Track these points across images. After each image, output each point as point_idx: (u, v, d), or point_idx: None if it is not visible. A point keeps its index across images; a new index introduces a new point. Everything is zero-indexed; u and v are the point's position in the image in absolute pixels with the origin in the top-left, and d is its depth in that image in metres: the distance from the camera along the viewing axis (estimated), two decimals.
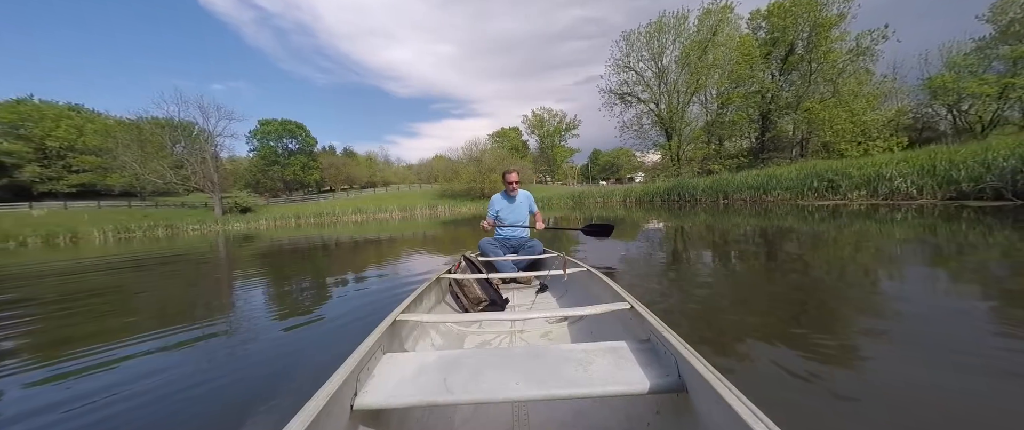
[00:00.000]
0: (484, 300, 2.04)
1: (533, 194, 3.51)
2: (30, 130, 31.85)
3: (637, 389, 0.85)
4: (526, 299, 2.42)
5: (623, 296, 1.39)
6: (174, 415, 1.34)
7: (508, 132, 57.57)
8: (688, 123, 25.76)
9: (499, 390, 0.86)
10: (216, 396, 1.46)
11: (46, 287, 4.69)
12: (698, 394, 0.79)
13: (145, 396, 1.49)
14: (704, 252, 4.20)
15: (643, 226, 7.97)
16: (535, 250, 3.00)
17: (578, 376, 0.90)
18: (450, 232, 9.87)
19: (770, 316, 1.93)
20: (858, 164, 10.65)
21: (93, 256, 8.85)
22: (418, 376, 0.94)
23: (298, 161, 41.82)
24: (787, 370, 1.31)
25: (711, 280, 2.89)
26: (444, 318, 1.33)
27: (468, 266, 2.40)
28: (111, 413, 1.37)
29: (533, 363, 0.97)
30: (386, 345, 1.14)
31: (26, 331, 2.64)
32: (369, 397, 0.86)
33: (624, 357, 0.98)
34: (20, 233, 18.84)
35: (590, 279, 2.00)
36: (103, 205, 29.60)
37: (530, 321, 1.82)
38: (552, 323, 1.79)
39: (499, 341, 1.65)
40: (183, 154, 32.11)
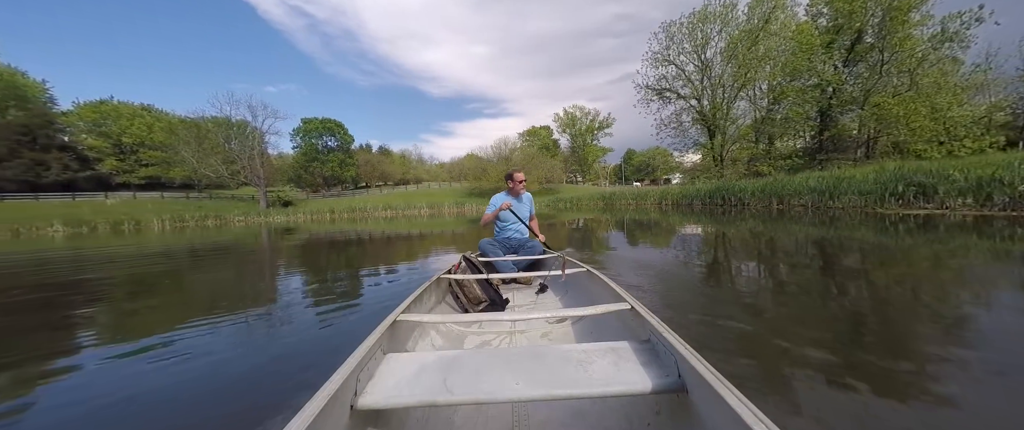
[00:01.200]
0: (484, 300, 2.02)
1: (562, 194, 3.33)
2: (109, 128, 35.67)
3: (637, 389, 0.86)
4: (526, 299, 2.40)
5: (623, 296, 1.38)
6: (212, 394, 1.43)
7: (539, 131, 56.77)
8: (733, 121, 23.76)
9: (499, 390, 0.86)
10: (240, 380, 1.53)
11: (106, 270, 5.12)
12: (698, 394, 0.79)
13: (190, 376, 1.60)
14: (755, 265, 3.44)
15: (679, 230, 7.13)
16: (535, 250, 2.96)
17: (578, 376, 0.90)
18: (475, 231, 9.47)
19: (847, 356, 1.45)
20: (963, 164, 8.79)
21: (151, 243, 9.49)
22: (418, 376, 0.94)
23: (336, 158, 43.65)
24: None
25: (769, 301, 2.25)
26: (444, 318, 1.31)
27: (468, 266, 2.35)
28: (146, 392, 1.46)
29: (533, 363, 0.97)
30: (386, 345, 1.13)
31: (90, 308, 2.92)
32: (369, 397, 0.86)
33: (624, 357, 0.98)
34: (93, 219, 20.88)
35: (590, 279, 2.01)
36: (166, 196, 32.47)
37: (530, 321, 1.79)
38: (552, 323, 1.78)
39: (499, 341, 1.63)
40: (235, 150, 34.52)
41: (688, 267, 3.53)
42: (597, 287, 1.84)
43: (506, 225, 3.18)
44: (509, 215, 3.15)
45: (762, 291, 2.59)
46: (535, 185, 35.55)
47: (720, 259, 3.93)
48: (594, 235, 7.32)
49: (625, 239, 6.31)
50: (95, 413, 1.36)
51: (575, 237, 7.11)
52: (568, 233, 8.07)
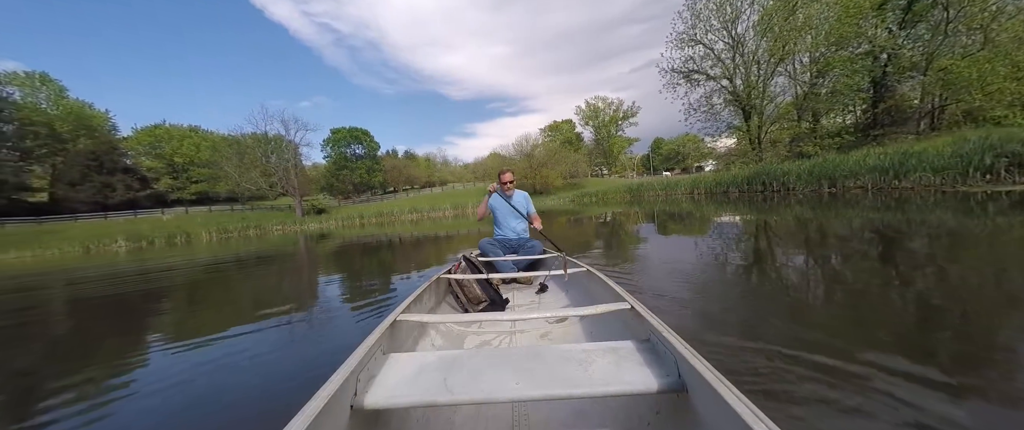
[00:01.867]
0: (484, 300, 2.01)
1: (587, 188, 3.09)
2: (163, 150, 38.91)
3: (637, 389, 0.85)
4: (526, 299, 2.39)
5: (623, 296, 1.38)
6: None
7: (561, 125, 55.71)
8: (771, 99, 21.96)
9: (499, 390, 0.86)
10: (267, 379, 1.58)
11: (163, 279, 5.77)
12: (698, 394, 0.79)
13: (240, 367, 1.73)
14: (817, 262, 2.91)
15: (713, 221, 6.48)
16: (535, 250, 2.94)
17: (578, 376, 0.90)
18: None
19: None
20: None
21: (200, 255, 10.19)
22: (418, 376, 0.94)
23: (364, 165, 45.03)
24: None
25: (839, 310, 1.80)
26: (444, 318, 1.31)
27: (468, 266, 2.33)
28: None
29: (533, 363, 0.97)
30: (386, 345, 1.13)
31: (151, 313, 3.39)
32: (369, 397, 0.86)
33: (624, 357, 0.98)
34: (151, 234, 22.72)
35: (590, 279, 1.99)
36: (213, 209, 34.86)
37: (530, 321, 1.79)
38: (552, 323, 1.77)
39: (499, 341, 1.63)
40: (273, 164, 36.51)
41: (725, 266, 3.05)
42: (597, 287, 1.83)
43: (505, 225, 3.14)
44: (506, 215, 3.11)
45: (829, 296, 2.11)
46: (559, 180, 34.87)
47: (766, 254, 3.40)
48: (621, 230, 6.84)
49: (653, 233, 5.80)
50: (161, 396, 1.57)
51: (602, 232, 6.67)
52: (594, 228, 7.61)
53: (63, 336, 2.96)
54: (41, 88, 35.93)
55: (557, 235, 7.42)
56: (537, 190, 34.81)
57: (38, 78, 36.24)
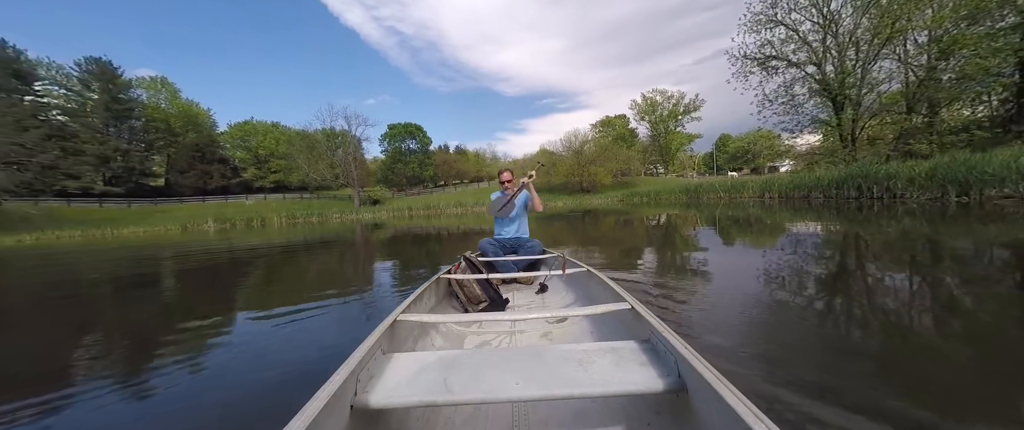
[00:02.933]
0: (484, 300, 2.00)
1: (639, 187, 3.41)
2: (251, 143, 44.13)
3: (637, 389, 0.86)
4: (526, 299, 2.39)
5: (623, 296, 1.38)
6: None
7: (613, 120, 53.06)
8: (872, 87, 18.52)
9: (499, 390, 0.86)
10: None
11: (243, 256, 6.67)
12: (698, 394, 0.79)
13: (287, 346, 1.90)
14: (946, 301, 1.96)
15: (792, 231, 5.32)
16: (535, 250, 2.95)
17: (578, 376, 0.90)
18: (541, 228, 8.73)
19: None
20: None
21: (271, 238, 11.29)
22: (418, 376, 0.94)
23: (416, 159, 46.99)
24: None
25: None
26: (444, 318, 1.33)
27: (468, 266, 2.33)
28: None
29: (533, 363, 0.97)
30: (386, 345, 1.14)
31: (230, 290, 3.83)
32: (369, 397, 0.86)
33: (624, 357, 0.98)
34: (234, 217, 25.76)
35: (590, 279, 2.00)
36: (286, 197, 38.76)
37: (530, 321, 1.79)
38: (552, 323, 1.77)
39: (499, 341, 1.62)
40: (338, 157, 39.65)
41: (805, 292, 2.22)
42: (597, 287, 1.83)
43: (505, 225, 3.14)
44: (507, 215, 3.10)
45: (956, 354, 1.30)
46: (608, 178, 33.19)
47: (864, 284, 2.47)
48: (675, 235, 5.94)
49: (713, 241, 4.86)
50: (238, 352, 1.85)
51: (654, 238, 5.83)
52: (643, 233, 6.75)
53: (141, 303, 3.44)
54: (161, 90, 42.64)
55: (598, 238, 6.81)
56: (584, 188, 33.48)
57: (160, 81, 43.04)
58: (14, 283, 5.27)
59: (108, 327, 2.76)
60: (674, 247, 4.90)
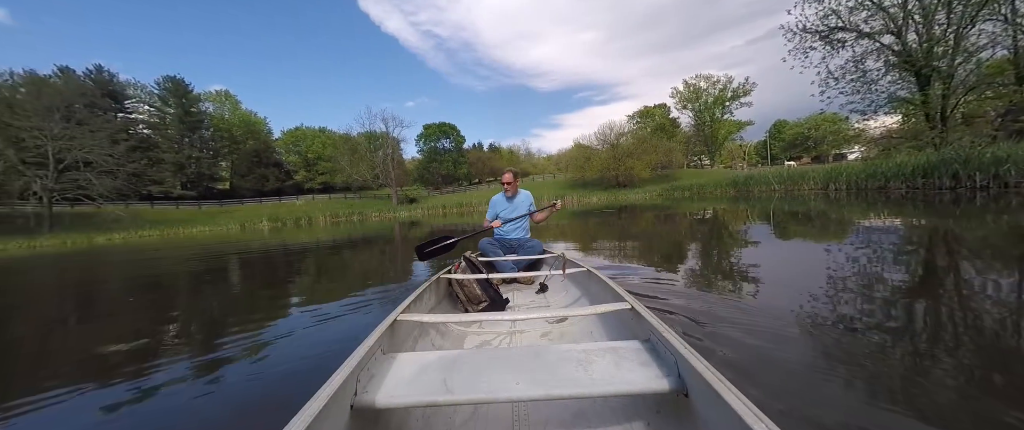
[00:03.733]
0: (484, 300, 2.00)
1: (681, 181, 3.07)
2: (300, 147, 47.41)
3: (637, 389, 0.85)
4: (526, 299, 2.39)
5: (623, 296, 1.37)
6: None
7: (653, 110, 50.28)
8: (968, 54, 15.64)
9: (499, 390, 0.86)
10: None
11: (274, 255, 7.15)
12: (698, 395, 0.79)
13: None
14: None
15: (862, 226, 4.42)
16: (535, 250, 2.94)
17: (578, 376, 0.90)
18: (576, 226, 8.29)
19: None
20: None
21: (317, 236, 12.06)
22: (418, 376, 0.94)
23: (450, 157, 47.81)
24: None
25: None
26: (444, 318, 1.33)
27: (468, 266, 2.27)
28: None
29: (533, 363, 0.97)
30: (386, 345, 1.14)
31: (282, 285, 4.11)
32: (369, 397, 0.86)
33: (624, 357, 0.98)
34: (285, 216, 27.73)
35: (590, 279, 2.01)
36: (331, 197, 41.17)
37: (530, 321, 1.79)
38: (552, 323, 1.77)
39: (499, 341, 1.62)
40: (377, 158, 41.45)
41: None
42: (597, 287, 1.84)
43: (503, 224, 3.11)
44: (506, 215, 3.11)
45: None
46: (646, 172, 31.49)
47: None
48: (723, 232, 5.22)
49: (764, 245, 4.14)
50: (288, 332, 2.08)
51: (698, 234, 5.17)
52: (685, 229, 6.06)
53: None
54: (225, 102, 47.03)
55: (636, 235, 6.29)
56: (620, 183, 32.06)
57: (223, 94, 47.49)
58: (112, 274, 6.50)
59: (181, 308, 3.34)
60: (720, 247, 4.25)
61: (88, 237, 19.56)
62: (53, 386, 1.65)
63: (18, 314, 3.68)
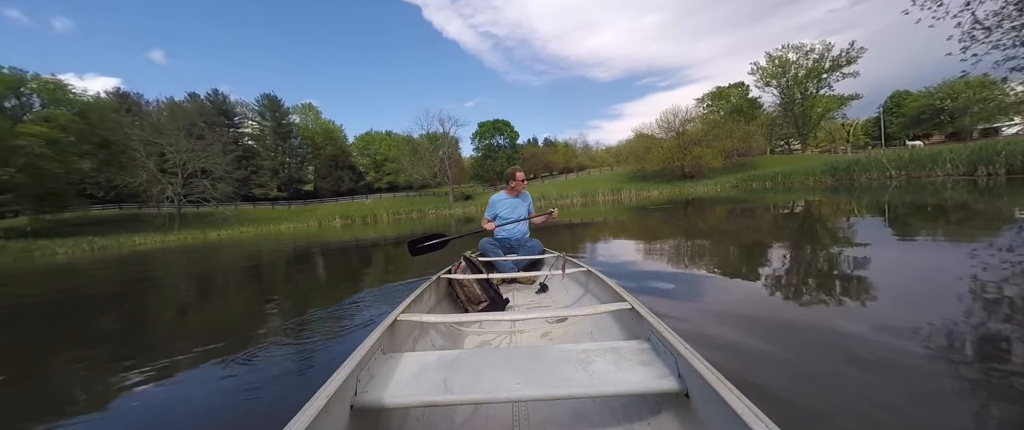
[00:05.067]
0: (484, 300, 2.01)
1: (762, 169, 2.57)
2: (370, 150, 51.70)
3: (637, 389, 0.86)
4: (526, 299, 2.39)
5: (623, 296, 1.37)
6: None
7: (728, 91, 44.59)
8: None
9: (499, 390, 0.86)
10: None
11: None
12: (698, 395, 0.79)
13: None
14: None
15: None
16: (535, 250, 2.94)
17: (578, 376, 0.90)
18: (630, 221, 7.48)
19: None
20: None
21: (385, 232, 12.99)
22: (418, 376, 0.94)
23: (504, 154, 48.03)
24: None
25: None
26: (444, 318, 1.33)
27: (468, 266, 2.27)
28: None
29: (533, 363, 0.97)
30: (386, 345, 1.14)
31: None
32: (369, 396, 0.86)
33: (624, 357, 0.98)
34: (354, 214, 30.37)
35: (590, 279, 2.02)
36: (396, 195, 44.14)
37: (530, 321, 1.80)
38: (552, 323, 1.77)
39: (499, 341, 1.63)
40: (438, 158, 43.46)
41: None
42: (597, 287, 1.86)
43: (504, 224, 3.09)
44: (510, 214, 3.11)
45: None
46: (718, 160, 28.01)
47: None
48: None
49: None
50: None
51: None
52: (771, 225, 4.89)
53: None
54: (308, 113, 53.13)
55: (707, 232, 5.41)
56: (686, 174, 29.02)
57: (307, 107, 53.65)
58: (222, 261, 8.17)
59: (276, 290, 4.10)
60: (812, 247, 3.22)
61: (204, 233, 23.48)
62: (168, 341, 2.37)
63: (155, 289, 4.96)
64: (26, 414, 1.49)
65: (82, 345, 2.47)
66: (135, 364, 1.93)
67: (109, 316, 3.47)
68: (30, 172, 21.37)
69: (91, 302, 4.26)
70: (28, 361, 2.27)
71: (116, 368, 1.93)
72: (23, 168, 21.13)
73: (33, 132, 20.74)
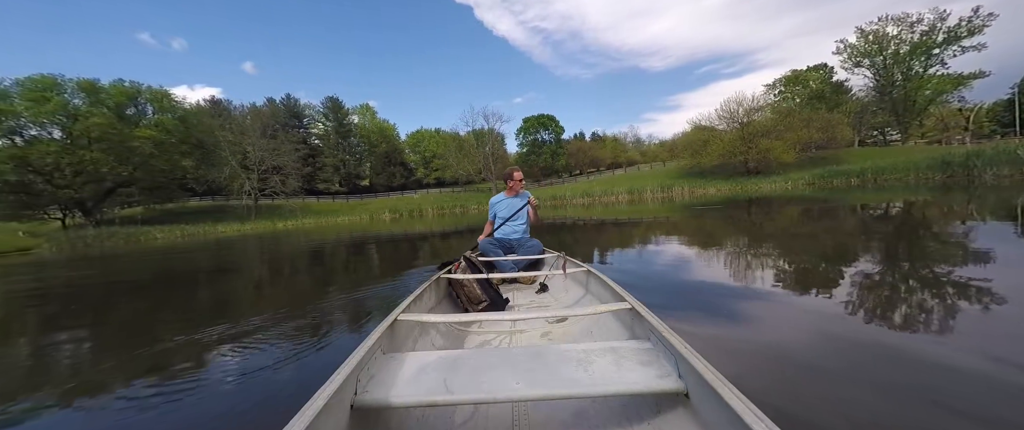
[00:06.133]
0: (484, 300, 2.02)
1: (846, 164, 2.15)
2: (420, 148, 53.95)
3: (637, 389, 0.86)
4: (526, 299, 2.40)
5: (623, 296, 1.38)
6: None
7: (806, 74, 39.20)
8: None
9: (499, 390, 0.86)
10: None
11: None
12: (699, 395, 0.79)
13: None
14: None
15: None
16: (535, 250, 2.95)
17: (578, 376, 0.90)
18: (689, 225, 6.83)
19: None
20: None
21: (431, 226, 13.68)
22: (418, 376, 0.95)
23: (549, 149, 47.20)
24: None
25: None
26: (444, 318, 1.34)
27: (468, 266, 2.27)
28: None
29: (533, 363, 0.97)
30: (386, 345, 1.15)
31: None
32: (369, 396, 0.86)
33: (624, 357, 0.98)
34: (403, 209, 31.80)
35: (590, 279, 2.03)
36: (442, 191, 45.56)
37: (530, 321, 1.81)
38: (552, 323, 1.78)
39: (499, 341, 1.64)
40: (485, 154, 44.10)
41: None
42: (598, 287, 1.86)
43: (506, 224, 3.09)
44: (506, 215, 3.10)
45: None
46: (789, 154, 24.75)
47: None
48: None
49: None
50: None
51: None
52: (863, 233, 3.97)
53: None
54: (366, 114, 56.82)
55: (775, 236, 4.56)
56: (751, 169, 26.04)
57: (365, 107, 57.39)
58: (287, 247, 9.02)
59: (334, 270, 4.75)
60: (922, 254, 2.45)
61: (272, 223, 26.15)
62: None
63: (235, 269, 5.83)
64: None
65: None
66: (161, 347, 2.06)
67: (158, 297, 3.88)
68: (144, 169, 25.51)
69: (139, 286, 4.77)
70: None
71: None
72: (139, 166, 25.24)
73: (146, 135, 24.56)
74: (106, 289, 4.68)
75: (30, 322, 3.15)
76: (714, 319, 1.86)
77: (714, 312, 1.97)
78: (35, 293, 4.82)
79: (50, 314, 3.38)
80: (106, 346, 2.34)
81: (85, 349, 2.31)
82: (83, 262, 8.85)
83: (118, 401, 1.48)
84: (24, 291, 5.02)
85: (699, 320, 1.85)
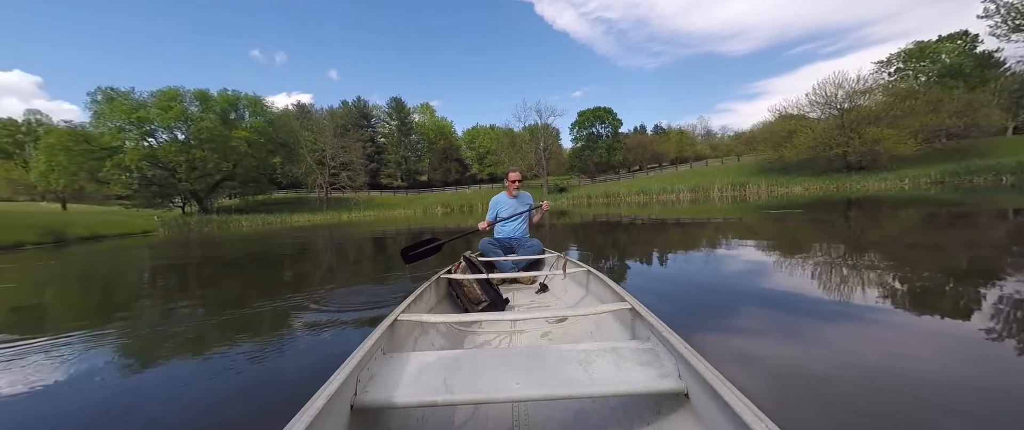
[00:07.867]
0: (484, 300, 2.02)
1: (985, 159, 1.16)
2: (475, 144, 55.15)
3: (637, 389, 0.86)
4: (526, 299, 2.41)
5: (623, 296, 1.39)
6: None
7: (936, 47, 31.59)
8: None
9: (499, 390, 0.87)
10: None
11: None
12: (699, 395, 0.80)
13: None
14: None
15: None
16: (535, 250, 2.96)
17: (578, 376, 0.90)
18: (767, 224, 5.77)
19: None
20: None
21: (476, 220, 14.30)
22: (418, 376, 0.95)
23: (605, 144, 44.84)
24: None
25: None
26: (444, 318, 1.33)
27: (468, 266, 2.29)
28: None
29: (533, 363, 0.98)
30: (386, 345, 1.15)
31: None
32: (369, 396, 0.87)
33: (624, 357, 0.98)
34: (454, 203, 32.66)
35: (590, 279, 2.04)
36: (495, 186, 45.95)
37: (530, 321, 1.81)
38: (552, 323, 1.79)
39: (499, 341, 1.64)
40: (539, 149, 43.62)
41: None
42: (597, 287, 1.88)
43: (506, 225, 3.12)
44: (505, 214, 3.12)
45: None
46: (908, 144, 20.16)
47: None
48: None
49: None
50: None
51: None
52: None
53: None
54: (426, 112, 59.61)
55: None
56: (852, 164, 21.78)
57: (425, 106, 60.23)
58: (353, 234, 10.35)
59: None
60: None
61: (338, 215, 28.62)
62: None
63: (306, 252, 6.82)
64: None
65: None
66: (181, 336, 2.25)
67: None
68: (241, 165, 29.59)
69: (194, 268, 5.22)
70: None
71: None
72: (237, 162, 29.31)
73: (241, 136, 28.37)
74: (198, 266, 5.97)
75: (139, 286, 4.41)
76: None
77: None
78: (150, 267, 6.25)
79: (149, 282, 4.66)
80: (210, 307, 2.96)
81: (198, 311, 2.88)
82: (185, 244, 10.73)
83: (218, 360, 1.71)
84: (143, 266, 6.44)
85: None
